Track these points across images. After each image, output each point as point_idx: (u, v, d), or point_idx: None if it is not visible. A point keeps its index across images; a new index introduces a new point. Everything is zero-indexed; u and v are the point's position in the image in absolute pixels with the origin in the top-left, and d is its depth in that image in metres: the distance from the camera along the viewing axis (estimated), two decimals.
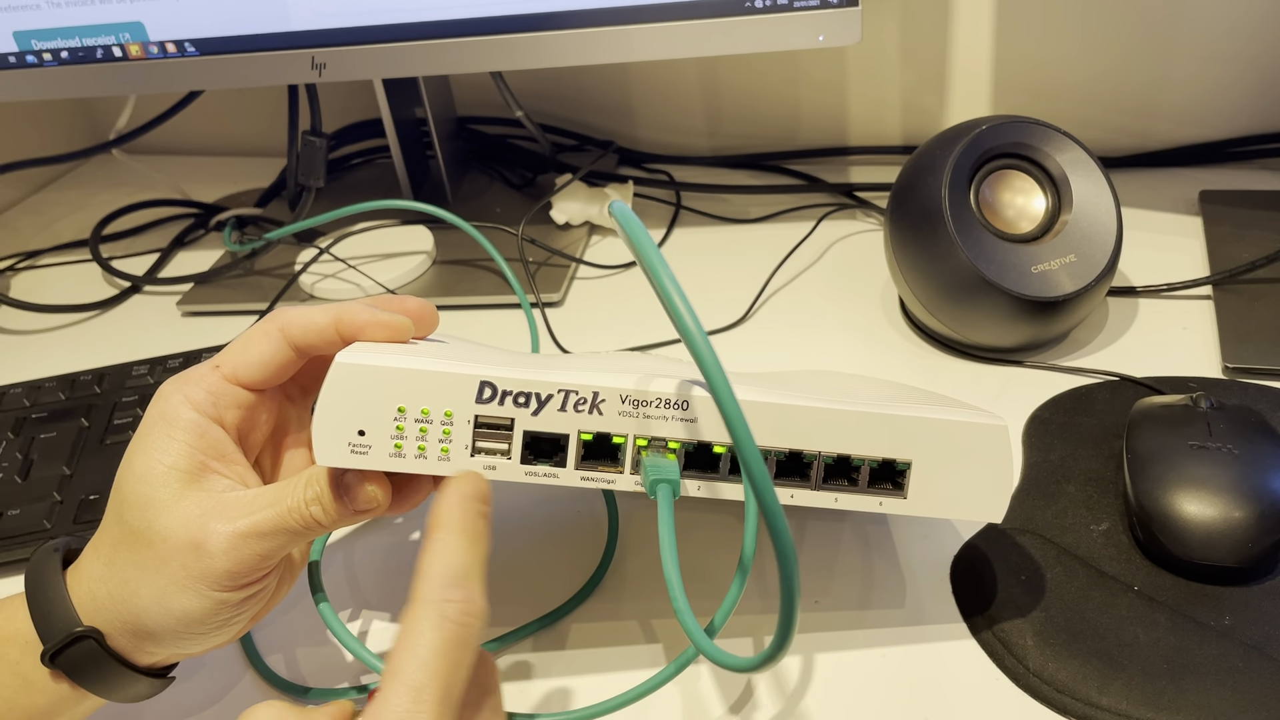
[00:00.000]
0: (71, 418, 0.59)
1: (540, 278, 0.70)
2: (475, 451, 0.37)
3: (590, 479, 0.37)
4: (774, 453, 0.38)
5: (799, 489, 0.39)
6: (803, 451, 0.38)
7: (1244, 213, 0.66)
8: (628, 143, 0.89)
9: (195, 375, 0.39)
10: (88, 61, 0.71)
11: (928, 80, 0.80)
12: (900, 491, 0.39)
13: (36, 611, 0.37)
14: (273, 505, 0.36)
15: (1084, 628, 0.42)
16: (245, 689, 0.45)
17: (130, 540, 0.37)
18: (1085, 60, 0.76)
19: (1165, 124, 0.76)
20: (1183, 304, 0.61)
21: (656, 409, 0.37)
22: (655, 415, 0.37)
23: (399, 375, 0.36)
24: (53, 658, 0.37)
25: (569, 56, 0.66)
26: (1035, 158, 0.57)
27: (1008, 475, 0.39)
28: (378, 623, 0.47)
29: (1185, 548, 0.43)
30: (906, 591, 0.45)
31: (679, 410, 0.37)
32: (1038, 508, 0.48)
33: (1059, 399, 0.54)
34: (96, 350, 0.72)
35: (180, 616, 0.36)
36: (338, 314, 0.38)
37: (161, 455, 0.37)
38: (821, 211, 0.76)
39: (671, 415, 0.37)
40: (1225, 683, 0.39)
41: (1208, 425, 0.46)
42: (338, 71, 0.69)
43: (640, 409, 0.37)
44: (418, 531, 0.52)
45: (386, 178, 0.86)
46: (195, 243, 0.84)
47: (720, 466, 0.38)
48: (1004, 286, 0.54)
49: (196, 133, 0.98)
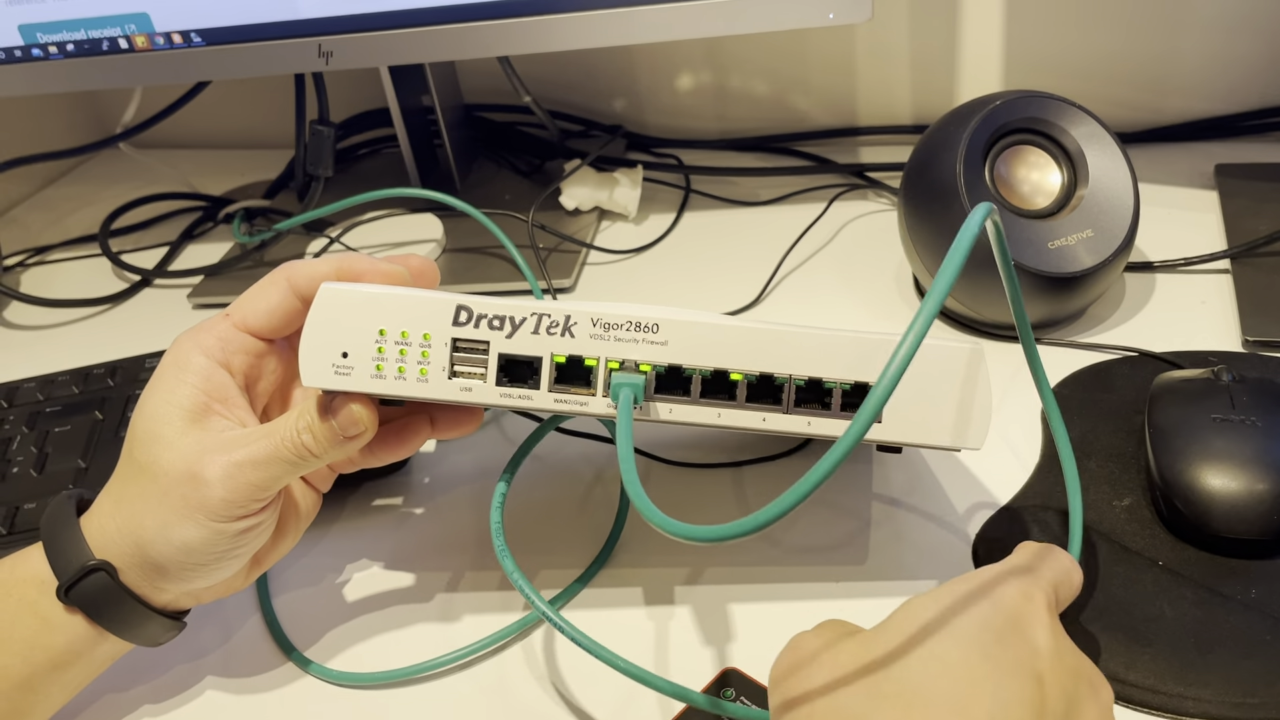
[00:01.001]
0: (85, 411, 0.59)
1: (551, 264, 0.70)
2: (453, 374, 0.39)
3: (563, 400, 0.39)
4: (745, 376, 0.38)
5: (771, 413, 0.39)
6: (774, 375, 0.38)
7: (1260, 185, 0.66)
8: (636, 127, 0.88)
9: (207, 324, 0.42)
10: (94, 54, 0.71)
11: (938, 58, 0.79)
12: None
13: (52, 550, 0.39)
14: (267, 436, 0.38)
15: (1109, 603, 0.41)
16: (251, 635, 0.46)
17: (137, 474, 0.39)
18: (1096, 35, 0.75)
19: (1178, 98, 0.76)
20: (1200, 278, 0.60)
21: (627, 332, 0.38)
22: (626, 338, 0.38)
23: (380, 299, 0.38)
24: (67, 591, 0.38)
25: (576, 40, 0.65)
26: (1050, 133, 0.56)
27: (986, 401, 0.39)
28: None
29: (1209, 521, 0.42)
30: (930, 570, 0.45)
31: (649, 333, 0.38)
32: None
33: (1078, 375, 0.54)
34: (109, 344, 0.72)
35: (180, 546, 0.38)
36: (339, 262, 0.41)
37: (169, 395, 0.39)
38: (833, 193, 0.76)
39: (642, 338, 0.38)
40: (1253, 655, 0.38)
41: (1230, 398, 0.45)
42: (344, 59, 0.68)
43: (611, 331, 0.38)
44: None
45: (394, 167, 0.86)
46: (204, 235, 0.84)
47: (692, 390, 0.39)
48: (1021, 263, 0.53)
49: (203, 125, 0.98)
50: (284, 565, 0.50)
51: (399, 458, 0.43)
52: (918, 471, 0.50)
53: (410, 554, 0.49)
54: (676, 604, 0.45)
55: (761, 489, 0.50)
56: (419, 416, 0.43)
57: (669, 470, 0.52)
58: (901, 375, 0.29)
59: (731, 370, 0.38)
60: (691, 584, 0.45)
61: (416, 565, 0.49)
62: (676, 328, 0.38)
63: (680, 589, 0.45)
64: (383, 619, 0.46)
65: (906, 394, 0.39)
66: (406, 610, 0.46)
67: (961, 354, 0.39)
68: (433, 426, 0.43)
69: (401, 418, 0.43)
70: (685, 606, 0.45)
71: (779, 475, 0.51)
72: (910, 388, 0.39)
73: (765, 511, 0.29)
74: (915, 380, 0.39)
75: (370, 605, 0.47)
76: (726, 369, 0.38)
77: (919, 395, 0.39)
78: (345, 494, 0.53)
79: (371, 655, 0.45)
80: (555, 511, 0.51)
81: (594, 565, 0.47)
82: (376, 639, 0.45)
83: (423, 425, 0.43)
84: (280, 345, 0.43)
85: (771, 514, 0.29)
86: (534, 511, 0.51)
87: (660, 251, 0.72)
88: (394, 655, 0.44)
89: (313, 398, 0.39)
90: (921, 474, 0.49)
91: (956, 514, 0.47)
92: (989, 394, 0.39)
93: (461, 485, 0.53)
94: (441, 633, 0.45)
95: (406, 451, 0.43)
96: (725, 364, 0.38)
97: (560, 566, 0.47)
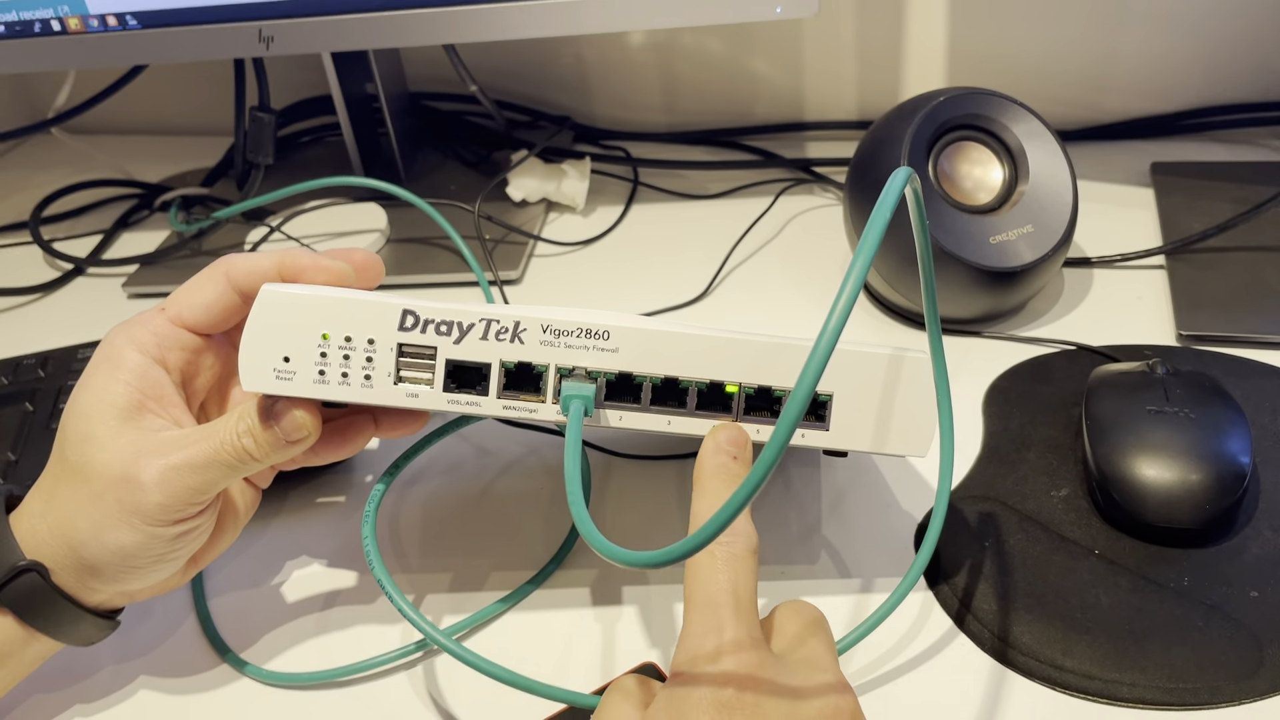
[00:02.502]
0: (15, 402, 0.57)
1: (498, 255, 0.70)
2: (399, 380, 0.38)
3: (512, 407, 0.38)
4: (695, 384, 0.38)
5: (720, 420, 0.39)
6: (723, 383, 0.38)
7: (1195, 184, 0.67)
8: (584, 119, 0.88)
9: (142, 318, 0.40)
10: (25, 36, 0.69)
11: (883, 55, 0.80)
12: (823, 424, 0.39)
13: None
14: (206, 439, 0.37)
15: (1047, 591, 0.42)
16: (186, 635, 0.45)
17: (69, 475, 0.37)
18: (1038, 34, 0.76)
19: (1117, 97, 0.77)
20: (1136, 274, 0.62)
21: (577, 339, 0.38)
22: (576, 345, 0.38)
23: (323, 302, 0.37)
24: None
25: (523, 29, 0.65)
26: (992, 129, 0.57)
27: (931, 409, 0.39)
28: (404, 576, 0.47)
29: (1144, 511, 0.43)
30: (870, 559, 0.45)
31: (599, 340, 0.38)
32: (999, 475, 0.48)
33: (1018, 369, 0.55)
34: (39, 334, 0.70)
35: (116, 550, 0.37)
36: (281, 258, 0.40)
37: (102, 393, 0.38)
38: (779, 187, 0.76)
39: (592, 345, 0.38)
40: (1186, 642, 0.39)
41: (1164, 390, 0.46)
42: (286, 45, 0.67)
43: (561, 338, 0.38)
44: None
45: (337, 155, 0.85)
46: (140, 224, 0.82)
47: (642, 396, 0.38)
48: (963, 257, 0.54)
49: (139, 110, 0.95)
50: (221, 562, 0.49)
51: (342, 457, 0.42)
52: (862, 467, 0.50)
53: (352, 552, 0.49)
54: (624, 604, 0.44)
55: None
56: (363, 416, 0.42)
57: (623, 463, 0.52)
58: (822, 370, 0.28)
59: (681, 378, 0.38)
60: (643, 584, 0.45)
61: (358, 564, 0.48)
62: (627, 335, 0.38)
63: (629, 589, 0.45)
64: (323, 619, 0.45)
65: (851, 402, 0.39)
66: (348, 611, 0.46)
67: (903, 361, 0.39)
68: (377, 425, 0.42)
69: (345, 417, 0.42)
70: (633, 607, 0.44)
71: None
72: (855, 396, 0.39)
73: (703, 530, 0.28)
74: (859, 389, 0.39)
75: (311, 605, 0.46)
76: (677, 377, 0.38)
77: (863, 402, 0.39)
78: (286, 489, 0.52)
79: (312, 655, 0.44)
80: (514, 507, 0.50)
81: (550, 565, 0.46)
82: (317, 639, 0.44)
83: (366, 424, 0.42)
84: (218, 340, 0.42)
85: (708, 531, 0.28)
86: (491, 508, 0.50)
87: (608, 244, 0.72)
88: (335, 655, 0.44)
89: (253, 400, 0.38)
90: (865, 468, 0.50)
91: (895, 507, 0.48)
92: (932, 401, 0.39)
93: (405, 483, 0.52)
94: (384, 633, 0.44)
95: (350, 451, 0.42)
96: (676, 371, 0.38)
97: (513, 568, 0.46)
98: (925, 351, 0.39)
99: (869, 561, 0.45)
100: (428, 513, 0.50)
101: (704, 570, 0.33)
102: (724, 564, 0.33)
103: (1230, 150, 0.73)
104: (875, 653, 0.41)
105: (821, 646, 0.33)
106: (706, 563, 0.33)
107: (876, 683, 0.40)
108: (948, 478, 0.42)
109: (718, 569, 0.33)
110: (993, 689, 0.39)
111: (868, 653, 0.41)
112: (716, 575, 0.33)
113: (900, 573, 0.44)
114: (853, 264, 0.29)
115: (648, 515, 0.49)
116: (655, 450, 0.52)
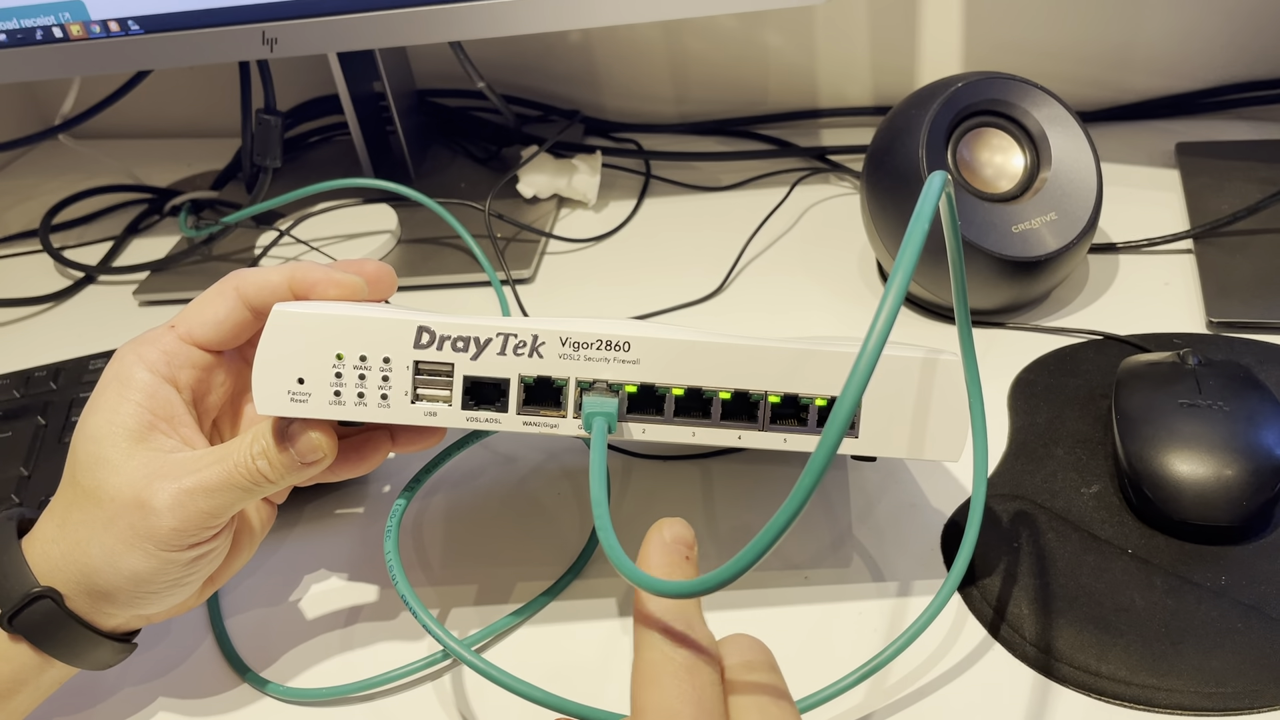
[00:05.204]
0: (27, 416, 0.57)
1: (510, 254, 0.69)
2: (416, 398, 0.37)
3: (533, 423, 0.37)
4: (719, 393, 0.37)
5: (746, 430, 0.38)
6: (749, 391, 0.37)
7: (1221, 164, 0.66)
8: (594, 112, 0.87)
9: (151, 336, 0.39)
10: (27, 44, 0.68)
11: (899, 39, 0.78)
12: (853, 430, 0.38)
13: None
14: (219, 461, 0.36)
15: (1079, 593, 0.41)
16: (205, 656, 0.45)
17: (82, 499, 0.37)
18: (1056, 13, 0.74)
19: (1139, 76, 0.75)
20: (1164, 259, 0.60)
21: (597, 351, 0.37)
22: (596, 358, 0.37)
23: (336, 322, 0.36)
24: (11, 620, 0.36)
25: (530, 23, 0.64)
26: (1013, 114, 0.55)
27: (964, 413, 0.38)
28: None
29: (1178, 508, 0.42)
30: (897, 562, 0.44)
31: (620, 352, 0.37)
32: (1026, 472, 0.47)
33: (1043, 360, 0.53)
34: (51, 344, 0.69)
35: (129, 576, 0.36)
36: (291, 272, 0.39)
37: (112, 415, 0.37)
38: (795, 176, 0.75)
39: (612, 357, 0.37)
40: (1224, 644, 0.38)
41: (1196, 382, 0.45)
42: (290, 46, 0.66)
43: (581, 351, 0.37)
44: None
45: (346, 155, 0.84)
46: (150, 229, 0.82)
47: (665, 408, 0.37)
48: (985, 247, 0.53)
49: (146, 115, 0.95)
50: (238, 579, 0.48)
51: (359, 474, 0.41)
52: (889, 465, 0.49)
53: (372, 565, 0.48)
54: None
55: (728, 476, 0.49)
56: (379, 433, 0.41)
57: (643, 464, 0.51)
58: (864, 388, 0.26)
59: (705, 388, 0.37)
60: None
61: (379, 577, 0.47)
62: (648, 345, 0.37)
63: None
64: (346, 636, 0.45)
65: (881, 408, 0.38)
66: (370, 627, 0.45)
67: (935, 365, 0.38)
68: (394, 441, 0.41)
69: (361, 434, 0.41)
70: None
71: (748, 461, 0.50)
72: (885, 402, 0.38)
73: (742, 556, 0.26)
74: (890, 394, 0.38)
75: (332, 621, 0.45)
76: (700, 387, 0.37)
77: (894, 408, 0.38)
78: (302, 503, 0.52)
79: (335, 672, 0.43)
80: (534, 514, 0.49)
81: (567, 575, 0.45)
82: (340, 656, 0.44)
83: (383, 441, 0.41)
84: (229, 357, 0.41)
85: (749, 557, 0.26)
86: (511, 515, 0.49)
87: (621, 239, 0.71)
88: (359, 671, 0.43)
89: (267, 421, 0.37)
90: (893, 466, 0.49)
91: (920, 508, 0.46)
92: (965, 405, 0.38)
93: (425, 494, 0.51)
94: (408, 648, 0.44)
95: (367, 468, 0.41)
96: (699, 381, 0.37)
97: (532, 578, 0.46)
98: (956, 354, 0.38)
99: (897, 563, 0.44)
100: (449, 523, 0.49)
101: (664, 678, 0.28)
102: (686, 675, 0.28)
103: (1257, 128, 0.71)
104: (904, 658, 0.40)
105: None
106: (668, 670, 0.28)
107: (905, 690, 0.39)
108: (982, 486, 0.40)
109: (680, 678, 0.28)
110: (1025, 695, 0.38)
111: (896, 658, 0.40)
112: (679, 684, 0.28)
113: (928, 572, 0.43)
114: (891, 281, 0.27)
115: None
116: (675, 451, 0.51)
